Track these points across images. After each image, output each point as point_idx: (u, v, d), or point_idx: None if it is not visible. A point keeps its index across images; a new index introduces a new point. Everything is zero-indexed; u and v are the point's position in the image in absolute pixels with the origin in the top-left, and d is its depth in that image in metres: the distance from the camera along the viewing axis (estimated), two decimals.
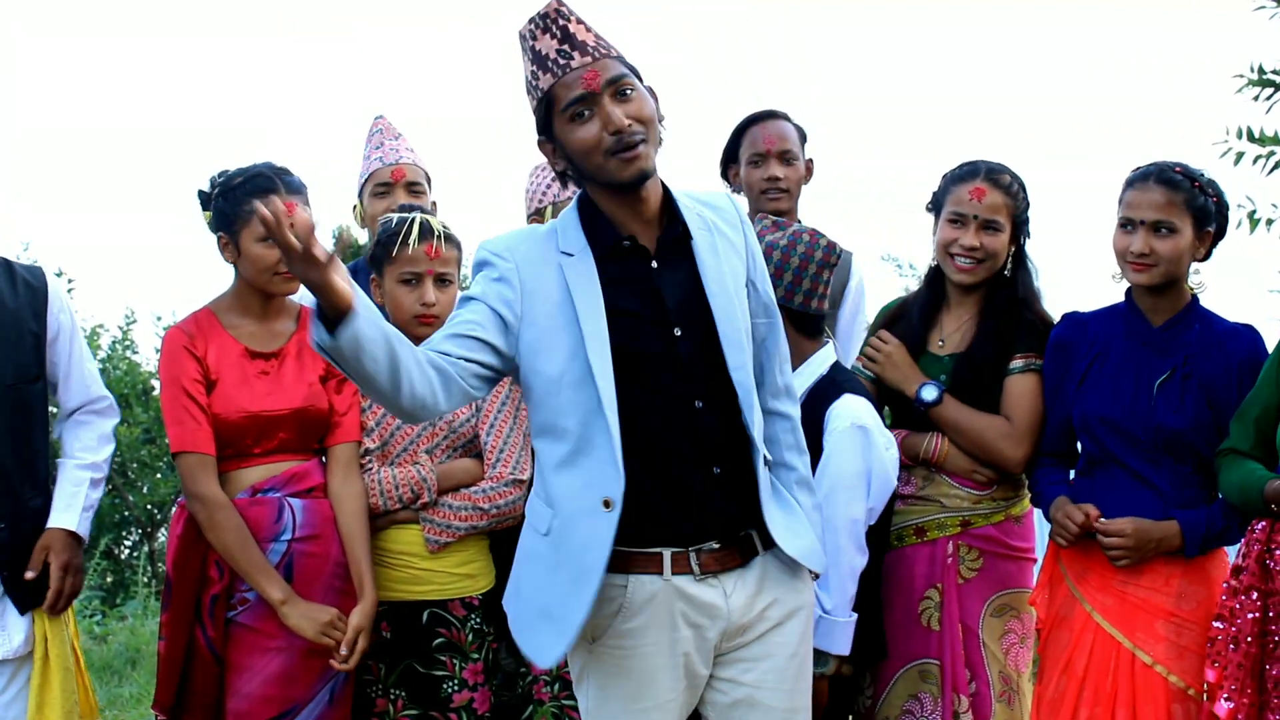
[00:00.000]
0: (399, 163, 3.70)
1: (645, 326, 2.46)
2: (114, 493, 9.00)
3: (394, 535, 3.10)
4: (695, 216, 2.53)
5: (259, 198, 2.97)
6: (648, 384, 2.44)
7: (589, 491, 2.40)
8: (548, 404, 2.45)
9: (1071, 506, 3.03)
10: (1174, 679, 2.93)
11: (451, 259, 3.15)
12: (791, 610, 2.55)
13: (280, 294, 3.07)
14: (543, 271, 2.46)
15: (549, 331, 2.43)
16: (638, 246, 2.50)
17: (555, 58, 2.41)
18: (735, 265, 2.54)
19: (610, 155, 2.39)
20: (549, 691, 3.13)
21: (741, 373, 2.47)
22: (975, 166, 3.26)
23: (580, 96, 2.39)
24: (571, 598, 2.39)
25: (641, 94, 2.44)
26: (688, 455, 2.46)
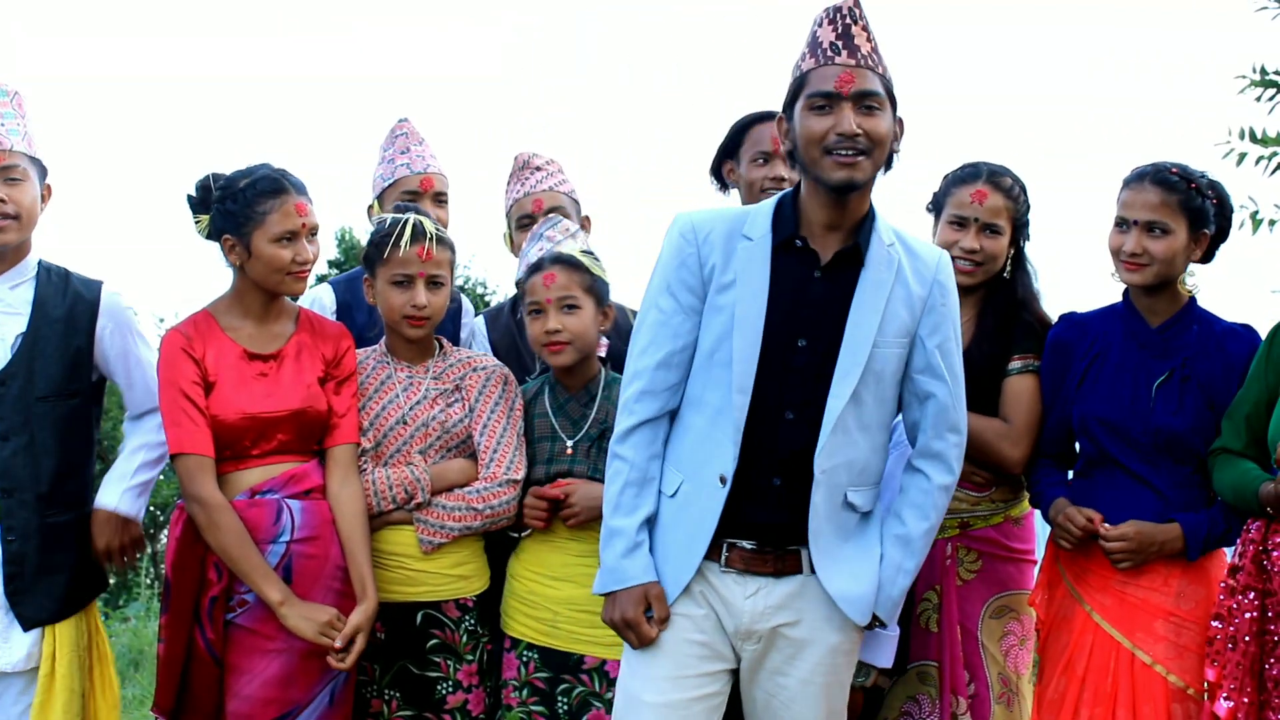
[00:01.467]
0: (427, 171, 3.65)
1: (779, 325, 2.55)
2: None
3: (388, 536, 3.09)
4: (884, 251, 2.59)
5: (270, 199, 2.98)
6: (761, 381, 2.54)
7: (710, 465, 2.56)
8: (700, 377, 2.60)
9: (1073, 510, 3.03)
10: (1173, 679, 2.93)
11: (444, 261, 3.15)
12: (816, 639, 2.61)
13: (290, 294, 3.08)
14: (720, 251, 2.59)
15: (714, 309, 2.58)
16: (809, 249, 2.59)
17: (826, 47, 2.54)
18: (900, 312, 2.58)
19: (828, 153, 2.51)
20: (517, 697, 3.12)
21: (839, 401, 2.54)
22: (977, 169, 3.25)
23: (827, 92, 2.51)
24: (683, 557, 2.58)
25: (885, 115, 2.55)
26: (760, 458, 2.56)
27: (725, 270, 2.58)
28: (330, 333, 3.15)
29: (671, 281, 2.62)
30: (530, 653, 3.11)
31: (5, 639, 3.06)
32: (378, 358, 3.21)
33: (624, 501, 2.62)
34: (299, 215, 3.01)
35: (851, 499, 2.61)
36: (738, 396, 2.53)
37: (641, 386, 2.63)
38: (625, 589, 2.58)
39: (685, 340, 2.62)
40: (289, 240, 3.00)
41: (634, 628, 2.57)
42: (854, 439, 2.58)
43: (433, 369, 3.20)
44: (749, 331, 2.54)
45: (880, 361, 2.57)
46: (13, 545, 3.05)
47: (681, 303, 2.61)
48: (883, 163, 2.56)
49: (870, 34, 2.56)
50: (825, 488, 2.56)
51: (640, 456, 2.62)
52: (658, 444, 2.64)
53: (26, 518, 3.07)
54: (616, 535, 2.61)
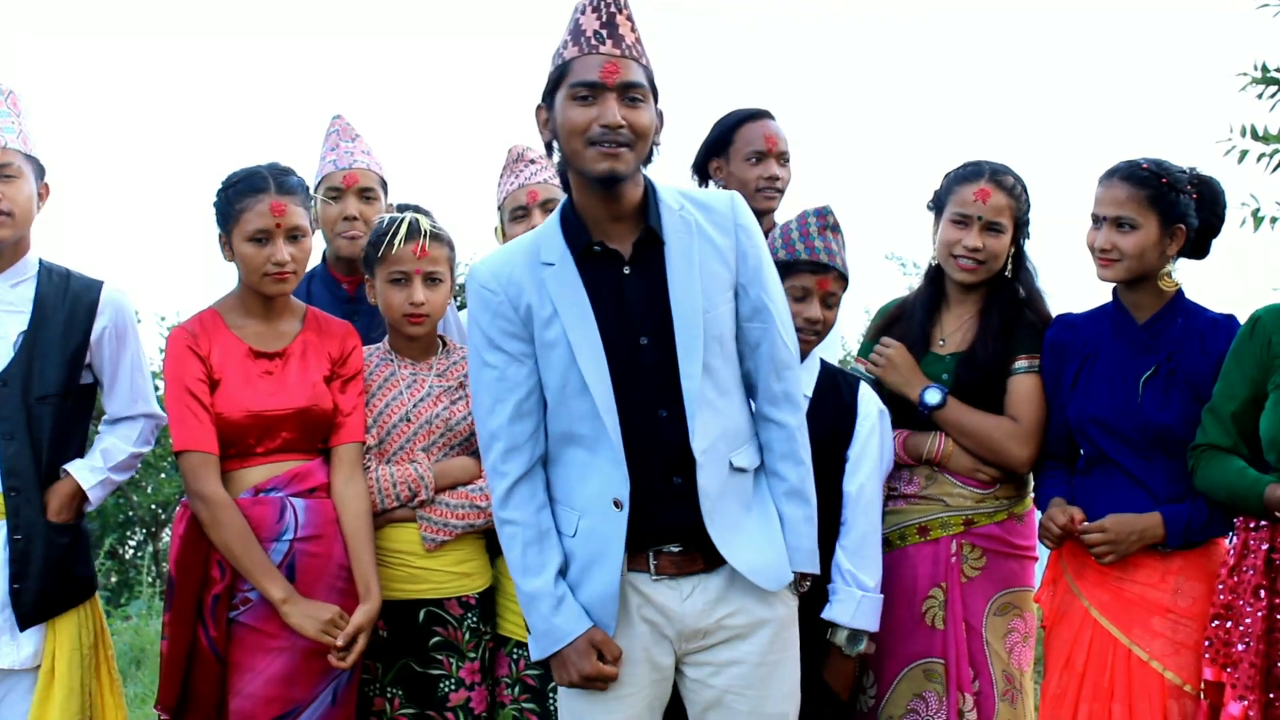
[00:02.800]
0: (352, 167, 3.60)
1: (614, 333, 2.50)
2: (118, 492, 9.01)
3: (391, 534, 3.09)
4: (677, 219, 2.54)
5: (247, 198, 2.98)
6: (620, 391, 2.50)
7: (603, 493, 2.51)
8: (560, 413, 2.55)
9: (1055, 509, 3.05)
10: (1170, 675, 2.93)
11: (440, 258, 3.15)
12: (758, 621, 2.58)
13: (271, 294, 3.06)
14: (529, 288, 2.53)
15: (546, 345, 2.52)
16: (609, 250, 2.54)
17: (589, 36, 2.47)
18: (715, 269, 2.53)
19: (591, 145, 2.44)
20: (510, 694, 3.13)
21: (693, 382, 2.49)
22: (979, 167, 3.25)
23: (590, 82, 2.45)
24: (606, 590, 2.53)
25: (649, 108, 2.49)
26: (651, 463, 2.52)
27: (542, 305, 2.51)
28: (337, 331, 3.15)
29: (493, 335, 2.54)
30: (520, 650, 3.12)
31: (14, 637, 3.08)
32: (381, 355, 3.22)
33: (530, 562, 2.54)
34: (273, 215, 2.98)
35: (736, 463, 2.57)
36: (607, 418, 2.48)
37: (504, 446, 2.55)
38: (569, 645, 2.51)
39: (528, 386, 2.55)
40: (262, 240, 2.99)
41: (597, 678, 2.51)
42: (718, 408, 2.54)
43: (436, 366, 3.21)
44: (590, 351, 2.48)
45: (716, 326, 2.53)
46: (19, 544, 3.07)
47: (511, 352, 2.54)
48: (645, 155, 2.50)
49: (634, 24, 2.51)
50: (710, 467, 2.52)
51: (528, 513, 2.55)
52: (540, 494, 2.57)
53: (32, 517, 3.09)
54: (536, 598, 2.52)
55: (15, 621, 3.07)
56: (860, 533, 3.01)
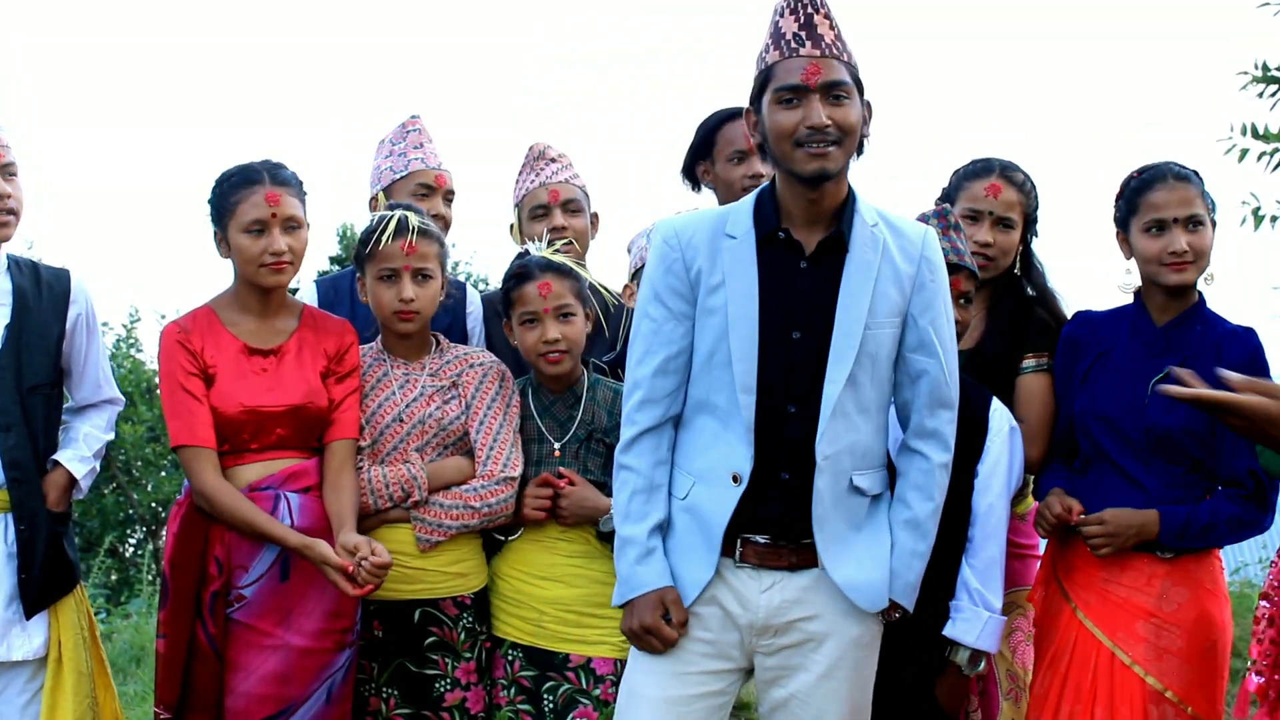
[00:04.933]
0: (441, 168, 3.65)
1: (772, 319, 2.56)
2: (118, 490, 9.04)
3: (385, 534, 3.07)
4: (867, 232, 2.59)
5: (241, 190, 3.00)
6: (762, 375, 2.55)
7: (723, 465, 2.57)
8: (702, 380, 2.61)
9: (1052, 498, 3.04)
10: (1151, 680, 2.92)
11: (430, 254, 3.14)
12: (834, 632, 2.60)
13: (268, 285, 3.06)
14: (704, 253, 2.60)
15: (706, 311, 2.59)
16: (791, 240, 2.59)
17: (789, 39, 2.53)
18: (889, 291, 2.57)
19: (799, 146, 2.51)
20: (506, 695, 3.12)
21: (835, 387, 2.53)
22: (989, 163, 3.26)
23: (794, 85, 2.51)
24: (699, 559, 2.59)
25: (854, 104, 2.55)
26: (768, 453, 2.57)
27: (712, 272, 2.58)
28: (333, 328, 3.15)
29: (660, 289, 2.63)
30: (515, 652, 3.11)
31: (24, 628, 3.14)
32: (374, 355, 3.21)
33: (633, 509, 2.62)
34: (269, 205, 2.99)
35: (858, 483, 2.60)
36: (743, 396, 2.54)
37: (642, 395, 2.64)
38: (641, 595, 2.59)
39: (679, 345, 2.62)
40: (260, 231, 2.99)
41: (654, 633, 2.57)
42: (854, 423, 2.57)
43: (429, 365, 3.20)
44: (745, 329, 2.55)
45: (874, 344, 2.56)
46: (24, 535, 3.13)
47: (672, 309, 2.62)
48: (854, 150, 2.57)
49: (833, 21, 2.55)
50: (829, 474, 2.56)
51: (645, 464, 2.63)
52: (663, 450, 2.65)
53: (35, 506, 3.15)
54: (628, 544, 2.62)
55: (23, 612, 3.13)
56: (990, 554, 2.97)
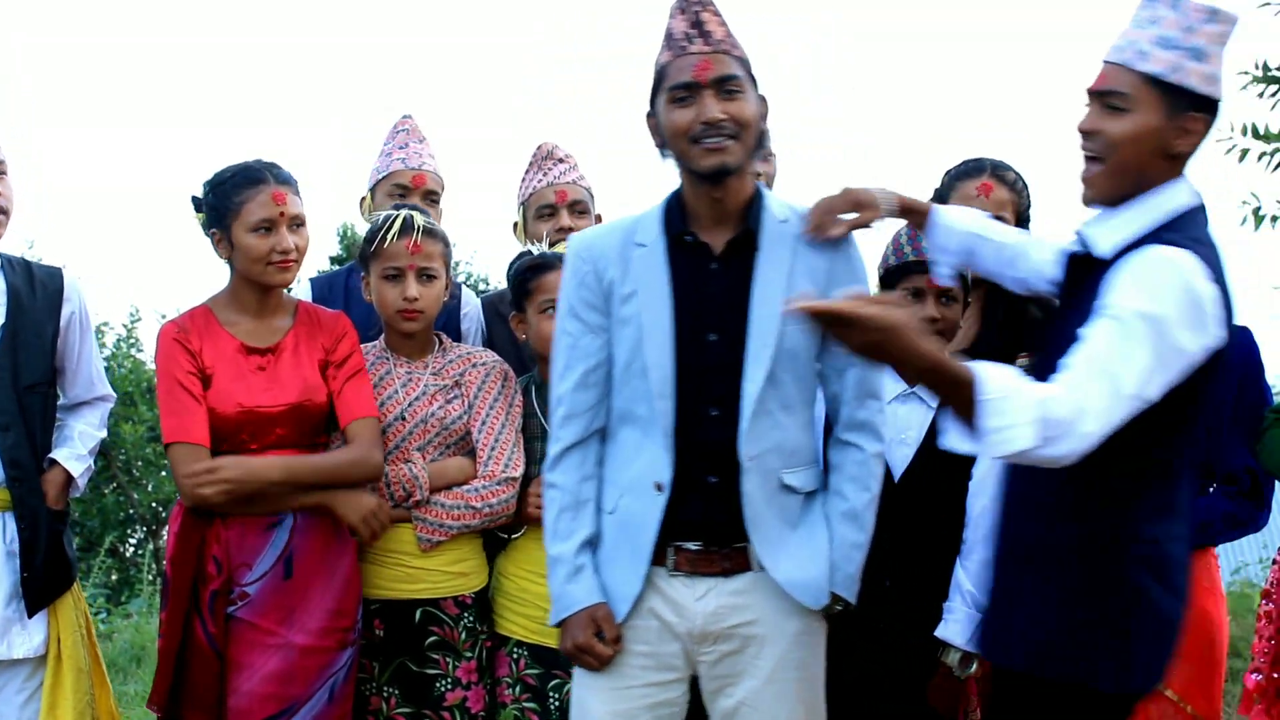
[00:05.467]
0: (421, 169, 3.65)
1: (686, 324, 2.54)
2: (119, 490, 9.04)
3: (386, 533, 3.07)
4: (778, 228, 2.57)
5: (247, 189, 3.00)
6: (680, 381, 2.53)
7: (647, 475, 2.55)
8: (623, 391, 2.59)
9: None
10: None
11: (435, 253, 3.15)
12: (774, 633, 2.57)
13: (274, 284, 3.06)
14: (615, 264, 2.59)
15: (621, 322, 2.58)
16: (699, 242, 2.57)
17: (679, 38, 2.53)
18: (804, 286, 2.53)
19: (695, 143, 2.50)
20: (511, 694, 3.12)
21: (753, 386, 2.51)
22: (980, 163, 3.26)
23: (685, 83, 2.51)
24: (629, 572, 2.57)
25: (748, 96, 2.53)
26: (693, 459, 2.54)
27: (624, 282, 2.57)
28: (327, 322, 3.15)
29: (574, 303, 2.63)
30: (520, 650, 3.12)
31: (24, 626, 3.14)
32: (377, 353, 3.21)
33: (560, 527, 2.61)
34: (276, 204, 2.99)
35: (788, 481, 2.57)
36: (660, 402, 2.53)
37: (564, 411, 2.64)
38: (572, 614, 2.57)
39: (597, 359, 2.61)
40: (267, 230, 3.00)
41: (588, 650, 2.56)
42: (779, 421, 2.54)
43: (432, 365, 3.20)
44: (659, 336, 2.53)
45: (792, 340, 2.53)
46: (25, 533, 3.13)
47: (587, 322, 2.61)
48: (753, 144, 2.54)
49: (722, 18, 2.55)
50: (756, 475, 2.53)
51: (571, 480, 2.62)
52: (588, 465, 2.63)
53: (35, 504, 3.16)
54: (557, 563, 2.61)
55: (24, 610, 3.14)
56: (983, 556, 2.89)
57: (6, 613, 3.13)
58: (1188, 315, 2.09)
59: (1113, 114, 2.25)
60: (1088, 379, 2.02)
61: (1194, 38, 2.24)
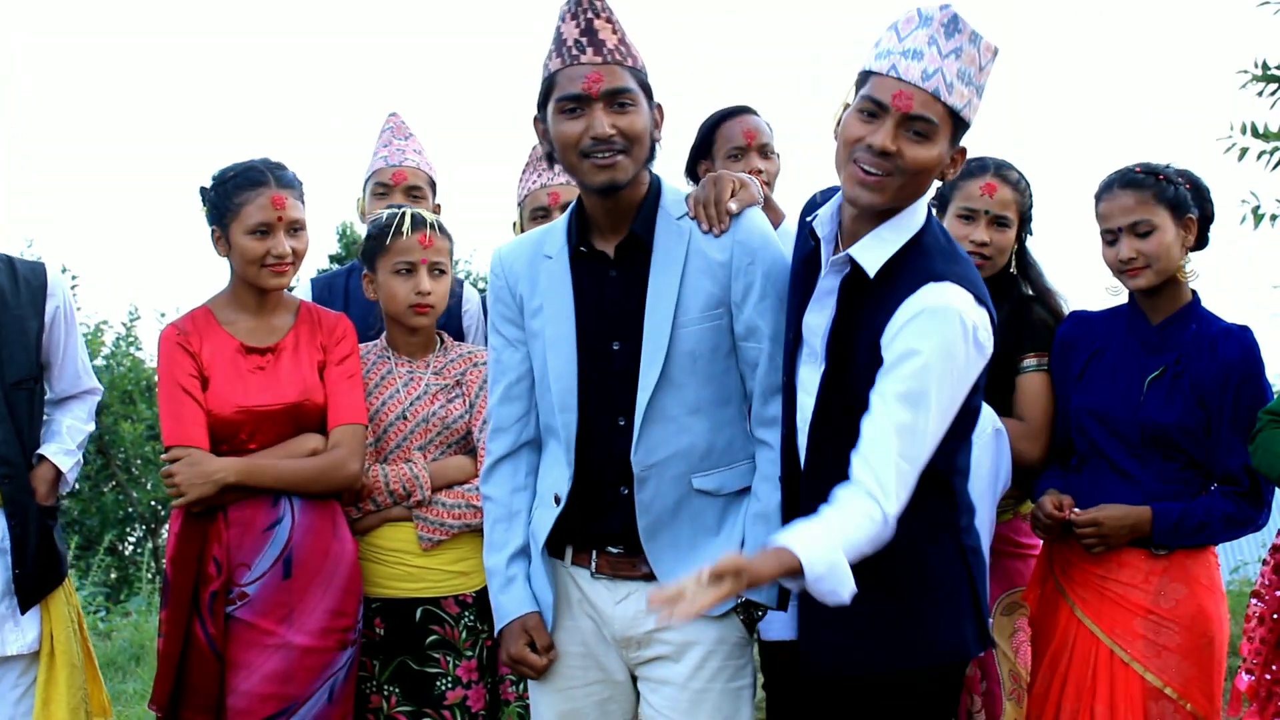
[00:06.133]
0: (401, 165, 3.65)
1: (590, 334, 2.49)
2: (118, 489, 9.04)
3: (387, 533, 3.09)
4: (673, 227, 2.50)
5: (247, 191, 3.00)
6: (586, 392, 2.49)
7: (552, 486, 2.55)
8: (541, 404, 2.59)
9: (1045, 498, 3.04)
10: (1150, 677, 2.92)
11: (444, 249, 3.16)
12: (695, 640, 2.51)
13: (268, 288, 3.06)
14: (528, 277, 2.57)
15: (532, 335, 2.56)
16: (595, 251, 2.53)
17: (570, 46, 2.43)
18: (702, 283, 2.47)
19: (584, 157, 2.42)
20: (514, 691, 3.13)
21: (645, 394, 2.45)
22: (984, 162, 3.26)
23: (575, 95, 2.41)
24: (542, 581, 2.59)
25: (640, 109, 2.45)
26: (602, 469, 2.51)
27: (533, 295, 2.55)
28: (329, 323, 3.15)
29: (494, 318, 2.63)
30: None
31: (17, 623, 3.15)
32: (378, 353, 3.21)
33: (494, 539, 2.62)
34: (275, 208, 3.00)
35: (701, 486, 2.50)
36: (563, 415, 2.50)
37: (492, 425, 2.65)
38: (506, 625, 2.58)
39: (518, 372, 2.60)
40: (264, 233, 3.00)
41: (522, 661, 2.56)
42: (684, 425, 2.47)
43: (433, 364, 3.20)
44: (562, 348, 2.50)
45: (691, 341, 2.45)
46: (15, 530, 3.14)
47: (507, 336, 2.61)
48: (645, 156, 2.46)
49: (616, 25, 2.45)
50: (654, 484, 2.47)
51: (503, 492, 2.62)
52: (519, 476, 2.62)
53: (25, 501, 3.16)
54: (491, 574, 2.63)
55: (16, 607, 3.15)
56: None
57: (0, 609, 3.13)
58: (971, 352, 2.26)
59: (916, 140, 2.28)
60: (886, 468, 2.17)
61: (982, 76, 2.32)
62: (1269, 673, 2.80)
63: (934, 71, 2.27)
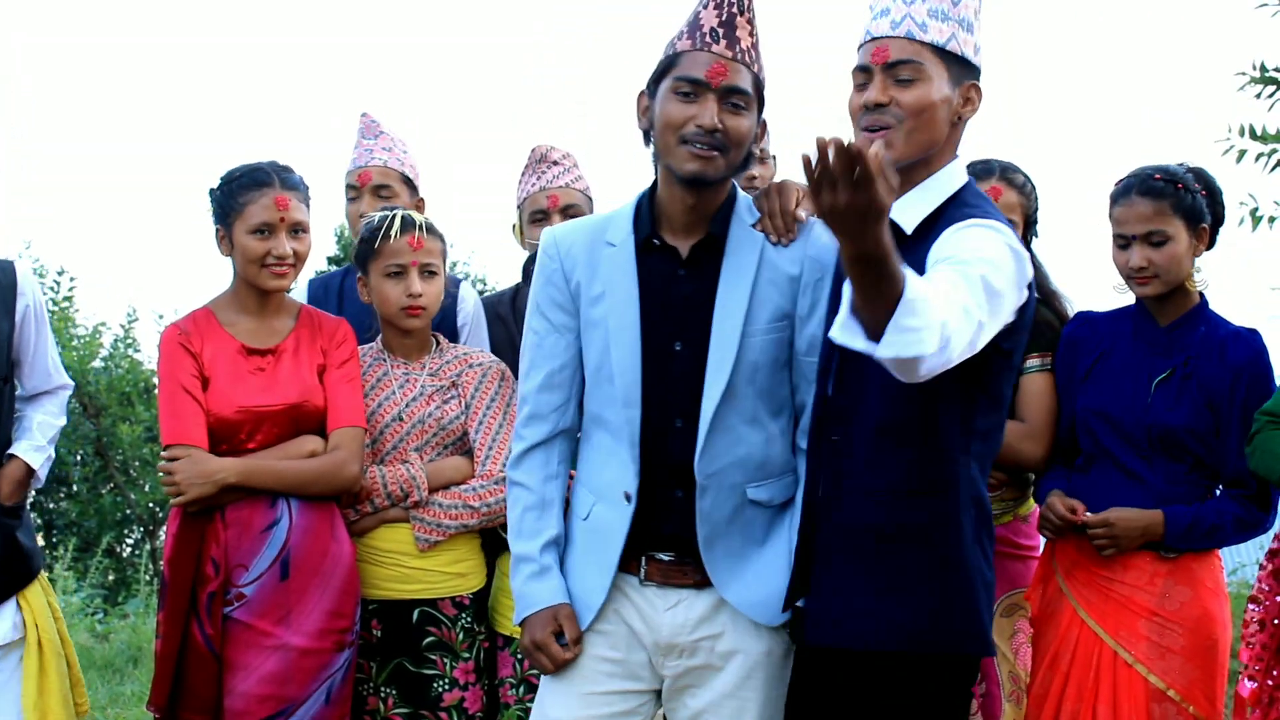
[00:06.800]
0: (367, 165, 3.63)
1: (654, 331, 2.47)
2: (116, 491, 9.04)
3: (384, 534, 3.09)
4: (747, 234, 2.49)
5: (251, 191, 3.01)
6: (648, 389, 2.46)
7: (617, 483, 2.48)
8: (594, 394, 2.53)
9: (1055, 499, 3.04)
10: (1154, 679, 2.92)
11: (435, 250, 3.16)
12: (740, 649, 2.49)
13: (268, 289, 3.07)
14: (587, 262, 2.52)
15: (591, 323, 2.51)
16: (666, 246, 2.50)
17: (704, 31, 2.43)
18: (771, 295, 2.46)
19: (684, 143, 2.41)
20: (514, 695, 3.12)
21: (710, 403, 2.43)
22: (989, 165, 3.26)
23: (695, 79, 2.40)
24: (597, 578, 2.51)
25: (750, 115, 2.44)
26: (659, 471, 2.48)
27: (593, 282, 2.50)
28: (328, 327, 3.16)
29: (541, 301, 2.56)
30: None
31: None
32: (374, 355, 3.22)
33: (525, 526, 2.55)
34: (278, 209, 3.01)
35: (754, 496, 2.49)
36: (627, 410, 2.46)
37: (529, 411, 2.58)
38: (535, 613, 2.50)
39: (563, 359, 2.55)
40: (266, 233, 3.01)
41: (543, 649, 2.49)
42: (740, 435, 2.46)
43: (429, 365, 3.20)
44: (627, 341, 2.46)
45: (755, 352, 2.44)
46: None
47: (553, 322, 2.55)
48: (739, 162, 2.45)
49: (754, 28, 2.45)
50: (713, 493, 2.45)
51: (536, 480, 2.56)
52: (553, 464, 2.57)
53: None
54: (522, 561, 2.55)
55: None
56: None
57: None
58: (1012, 269, 2.19)
59: (905, 85, 2.32)
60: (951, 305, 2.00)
61: (960, 10, 2.35)
62: (1270, 678, 2.80)
63: (902, 18, 2.33)
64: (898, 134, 2.32)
